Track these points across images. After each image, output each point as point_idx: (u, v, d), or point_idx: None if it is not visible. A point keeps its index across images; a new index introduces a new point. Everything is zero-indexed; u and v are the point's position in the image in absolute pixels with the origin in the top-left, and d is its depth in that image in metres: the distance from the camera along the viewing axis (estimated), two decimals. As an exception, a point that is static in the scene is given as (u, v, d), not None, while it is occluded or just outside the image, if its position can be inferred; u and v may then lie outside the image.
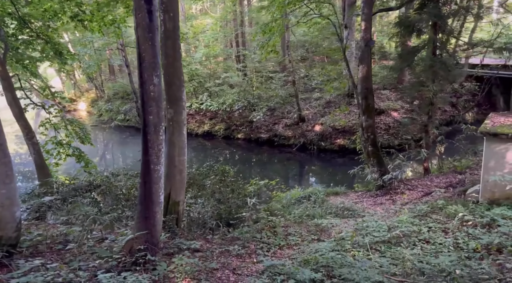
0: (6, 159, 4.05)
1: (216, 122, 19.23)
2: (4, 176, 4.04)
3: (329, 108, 16.37)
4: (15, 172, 7.94)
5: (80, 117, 31.07)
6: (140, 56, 4.42)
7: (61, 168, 11.74)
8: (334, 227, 7.18)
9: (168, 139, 6.36)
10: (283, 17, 9.97)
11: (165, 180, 6.47)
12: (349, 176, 13.42)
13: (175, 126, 6.35)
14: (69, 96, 35.30)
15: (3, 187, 4.03)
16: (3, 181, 4.03)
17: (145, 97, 4.52)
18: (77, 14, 10.70)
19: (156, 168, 4.65)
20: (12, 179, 4.14)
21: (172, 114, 6.29)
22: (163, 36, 5.89)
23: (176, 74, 6.10)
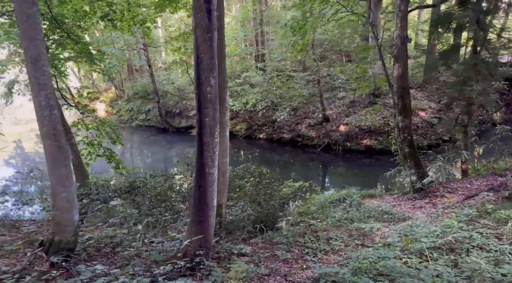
0: (66, 161, 3.98)
1: (237, 122, 19.13)
2: (65, 178, 3.97)
3: (353, 107, 16.11)
4: (40, 171, 7.97)
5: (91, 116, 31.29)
6: (198, 57, 4.30)
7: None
8: (377, 232, 6.98)
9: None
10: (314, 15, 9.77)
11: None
12: (377, 177, 13.21)
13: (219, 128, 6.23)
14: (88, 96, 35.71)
15: (63, 190, 3.96)
16: (63, 184, 3.96)
17: (202, 98, 4.40)
18: (108, 14, 10.71)
19: (211, 171, 4.54)
20: (72, 182, 4.08)
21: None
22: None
23: (221, 75, 5.98)
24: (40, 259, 3.88)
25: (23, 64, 20.95)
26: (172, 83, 23.67)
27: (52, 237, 4.00)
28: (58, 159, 3.91)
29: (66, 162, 3.99)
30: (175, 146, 20.51)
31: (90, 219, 6.88)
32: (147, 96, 23.60)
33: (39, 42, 3.66)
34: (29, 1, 3.52)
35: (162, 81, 23.30)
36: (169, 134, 21.18)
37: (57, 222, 3.99)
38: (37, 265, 3.76)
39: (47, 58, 3.79)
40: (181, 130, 20.97)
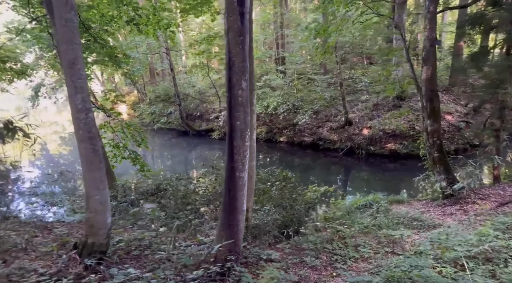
0: (100, 164, 4.01)
1: (258, 125, 19.09)
2: (99, 181, 4.00)
3: (377, 110, 15.82)
4: (69, 173, 8.11)
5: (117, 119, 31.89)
6: (230, 60, 4.28)
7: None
8: (407, 239, 6.77)
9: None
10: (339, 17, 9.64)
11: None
12: (402, 182, 12.89)
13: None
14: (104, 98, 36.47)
15: (97, 192, 3.99)
16: (97, 186, 3.99)
17: (233, 102, 4.37)
18: (133, 18, 10.88)
19: (241, 175, 4.50)
20: (105, 185, 4.11)
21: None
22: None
23: (250, 78, 5.95)
24: (74, 262, 3.91)
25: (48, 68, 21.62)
26: (193, 86, 23.88)
27: (85, 239, 4.03)
28: (93, 162, 3.95)
29: (100, 165, 4.02)
30: (195, 148, 20.65)
31: (117, 221, 6.96)
32: (168, 99, 23.88)
33: (77, 46, 3.70)
34: (68, 6, 3.57)
35: (183, 84, 23.55)
36: (189, 136, 21.35)
37: (91, 225, 4.02)
38: (71, 267, 3.79)
39: (83, 62, 3.83)
40: (201, 133, 21.11)
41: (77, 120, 3.87)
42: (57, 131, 31.06)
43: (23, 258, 3.86)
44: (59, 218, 6.26)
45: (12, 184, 13.30)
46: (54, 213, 6.58)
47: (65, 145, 24.97)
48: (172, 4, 10.87)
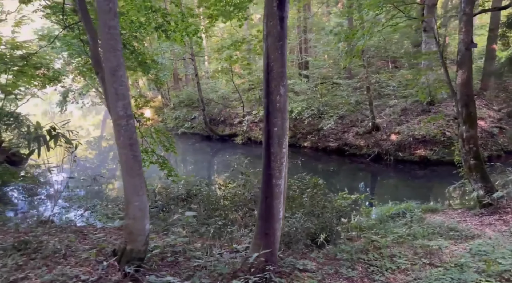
0: (140, 170, 4.01)
1: (281, 130, 18.96)
2: (139, 187, 4.00)
3: (405, 115, 15.41)
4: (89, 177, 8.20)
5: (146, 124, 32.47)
6: (269, 66, 4.22)
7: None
8: (445, 250, 6.48)
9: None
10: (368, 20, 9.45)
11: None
12: (433, 190, 12.47)
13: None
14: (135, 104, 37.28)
15: (136, 198, 3.98)
16: (137, 192, 3.99)
17: (271, 107, 4.30)
18: (162, 25, 11.02)
19: (278, 182, 4.41)
20: (144, 191, 4.10)
21: (276, 124, 6.04)
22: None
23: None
24: (113, 269, 3.90)
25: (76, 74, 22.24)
26: (216, 91, 24.03)
27: (124, 246, 4.02)
28: (133, 168, 3.95)
29: (140, 171, 4.02)
30: (218, 153, 20.71)
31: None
32: (192, 104, 24.10)
33: (119, 52, 3.72)
34: (111, 13, 3.59)
35: (206, 90, 23.74)
36: (212, 141, 21.45)
37: (129, 231, 4.01)
38: (111, 274, 3.78)
39: (125, 69, 3.85)
40: (224, 137, 21.18)
41: (118, 126, 3.88)
42: (81, 135, 31.86)
43: (64, 264, 3.88)
44: (92, 223, 6.32)
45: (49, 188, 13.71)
46: (87, 218, 6.66)
47: (91, 149, 25.56)
48: (200, 10, 10.95)
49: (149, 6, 10.52)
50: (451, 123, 14.04)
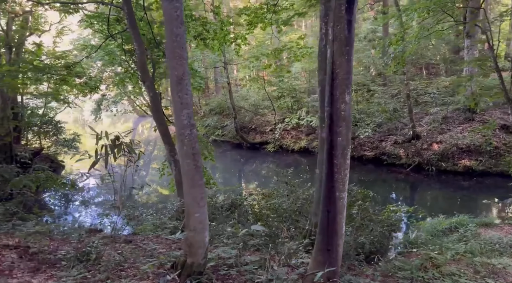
0: (201, 181, 3.89)
1: (314, 138, 18.64)
2: (200, 198, 3.87)
3: (446, 124, 14.76)
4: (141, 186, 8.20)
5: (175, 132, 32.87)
6: (333, 72, 4.02)
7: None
8: (509, 269, 6.01)
9: (322, 161, 5.90)
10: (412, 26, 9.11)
11: (316, 205, 6.01)
12: (479, 202, 11.79)
13: (331, 147, 5.87)
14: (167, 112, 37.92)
15: (197, 210, 3.86)
16: (197, 203, 3.87)
17: (334, 116, 4.08)
18: (201, 33, 11.08)
19: (341, 195, 4.17)
20: (205, 202, 3.98)
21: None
22: (323, 49, 5.53)
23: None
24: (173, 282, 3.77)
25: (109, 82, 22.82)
26: (246, 99, 24.03)
27: (184, 259, 3.90)
28: (195, 179, 3.83)
29: (201, 182, 3.90)
30: (249, 161, 20.59)
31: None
32: (222, 112, 24.20)
33: (184, 61, 3.63)
34: (178, 20, 3.52)
35: (236, 97, 23.79)
36: (243, 149, 21.37)
37: (190, 244, 3.88)
38: (172, 288, 3.66)
39: (189, 77, 3.76)
40: (255, 145, 21.06)
41: (181, 136, 3.78)
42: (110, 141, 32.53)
43: (124, 277, 3.79)
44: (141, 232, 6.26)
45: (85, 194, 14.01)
46: (133, 226, 6.63)
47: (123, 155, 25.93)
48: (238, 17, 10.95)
49: (190, 15, 10.60)
50: (498, 132, 13.32)
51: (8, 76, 10.29)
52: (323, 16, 5.44)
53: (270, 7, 9.14)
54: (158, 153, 27.79)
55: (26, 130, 17.04)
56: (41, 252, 3.81)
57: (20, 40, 15.12)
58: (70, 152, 18.29)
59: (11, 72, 10.46)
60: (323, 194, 4.29)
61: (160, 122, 7.46)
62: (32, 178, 10.15)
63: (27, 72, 11.53)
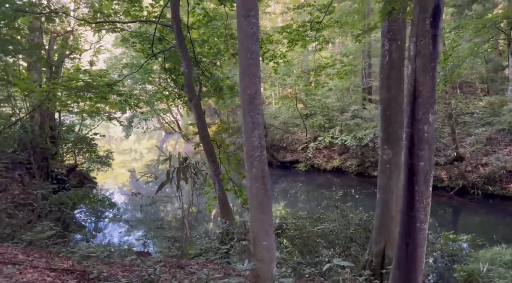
0: (270, 206, 3.61)
1: (347, 157, 18.13)
2: (267, 225, 3.58)
3: (491, 145, 13.99)
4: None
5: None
6: (416, 90, 3.69)
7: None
8: None
9: (384, 185, 5.53)
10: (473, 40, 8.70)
11: (378, 233, 5.60)
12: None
13: (393, 170, 5.50)
14: (192, 129, 38.34)
15: (265, 238, 3.56)
16: (265, 231, 3.57)
17: (416, 138, 3.73)
18: (239, 51, 11.02)
19: (422, 226, 3.77)
20: (273, 230, 3.68)
21: (390, 155, 5.46)
22: (386, 67, 5.25)
23: (399, 110, 5.33)
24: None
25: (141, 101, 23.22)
26: (276, 117, 23.84)
27: (250, 292, 3.59)
28: (263, 204, 3.56)
29: (269, 207, 3.62)
30: (280, 180, 20.19)
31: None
32: (251, 130, 24.02)
33: (258, 79, 3.43)
34: (254, 37, 3.33)
35: (265, 115, 23.65)
36: (273, 167, 21.01)
37: (257, 275, 3.57)
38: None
39: (261, 97, 3.54)
40: (286, 164, 20.68)
41: (251, 157, 3.54)
42: (135, 158, 33.03)
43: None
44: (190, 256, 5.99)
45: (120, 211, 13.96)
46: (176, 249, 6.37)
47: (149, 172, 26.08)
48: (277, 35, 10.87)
49: (230, 33, 10.61)
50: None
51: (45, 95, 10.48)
52: (386, 32, 5.18)
53: (314, 25, 8.97)
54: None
55: (62, 146, 17.38)
56: (100, 279, 3.59)
57: (60, 59, 15.61)
58: (102, 169, 18.53)
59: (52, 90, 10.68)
60: (400, 224, 3.91)
61: (205, 141, 7.30)
62: (70, 195, 10.19)
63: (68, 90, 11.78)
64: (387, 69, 5.22)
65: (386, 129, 5.36)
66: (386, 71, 5.21)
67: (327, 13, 8.37)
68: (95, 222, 14.35)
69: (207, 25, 10.45)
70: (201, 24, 10.36)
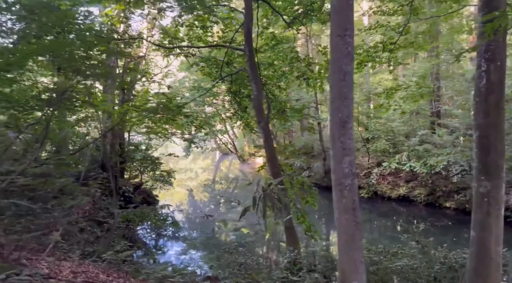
0: (361, 242, 3.27)
1: (415, 185, 16.87)
2: (358, 262, 3.24)
3: None
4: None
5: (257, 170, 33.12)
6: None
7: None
8: None
9: (480, 221, 4.87)
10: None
11: (473, 275, 4.91)
12: None
13: (492, 204, 4.83)
14: (248, 150, 38.75)
15: (355, 276, 3.23)
16: (356, 269, 3.23)
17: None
18: (304, 73, 10.92)
19: None
20: (364, 267, 3.31)
21: (488, 188, 4.80)
22: (483, 90, 4.73)
23: (499, 137, 4.74)
24: None
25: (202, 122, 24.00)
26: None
27: None
28: (353, 239, 3.23)
29: (360, 243, 3.28)
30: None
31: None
32: (310, 153, 23.60)
33: (350, 102, 3.19)
34: (349, 57, 3.12)
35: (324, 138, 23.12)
36: (330, 192, 20.25)
37: (345, 318, 3.22)
38: None
39: (352, 121, 3.29)
40: (346, 190, 19.80)
41: (340, 186, 3.27)
42: (191, 177, 33.85)
43: None
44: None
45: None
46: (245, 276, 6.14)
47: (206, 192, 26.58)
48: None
49: (295, 56, 10.57)
50: None
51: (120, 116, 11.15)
52: (483, 52, 4.70)
53: (386, 46, 8.59)
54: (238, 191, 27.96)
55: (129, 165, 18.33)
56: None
57: (133, 82, 16.71)
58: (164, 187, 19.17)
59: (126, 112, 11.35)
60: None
61: (272, 164, 7.15)
62: (137, 213, 10.52)
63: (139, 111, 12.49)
64: (484, 92, 4.68)
65: (483, 159, 4.75)
66: (483, 95, 4.68)
67: (403, 33, 7.96)
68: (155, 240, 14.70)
69: (274, 48, 10.53)
70: (268, 48, 10.46)
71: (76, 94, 7.13)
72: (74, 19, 6.37)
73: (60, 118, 10.71)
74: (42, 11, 6.52)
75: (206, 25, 9.56)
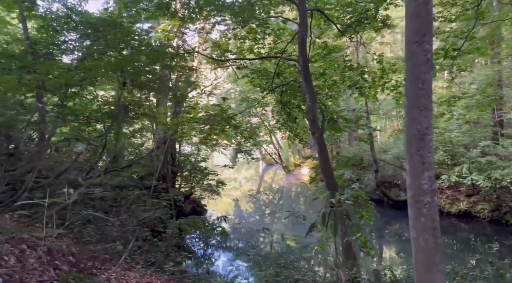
0: (441, 265, 2.99)
1: (477, 200, 15.63)
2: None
3: None
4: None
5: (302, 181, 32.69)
6: None
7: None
8: None
9: None
10: None
11: None
12: None
13: None
14: (293, 161, 38.47)
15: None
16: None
17: None
18: (357, 82, 10.61)
19: None
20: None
21: None
22: None
23: None
24: None
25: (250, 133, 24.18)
26: (385, 151, 22.27)
27: None
28: (434, 261, 2.96)
29: (441, 266, 3.00)
30: (392, 221, 18.42)
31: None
32: (359, 164, 22.84)
33: (430, 112, 2.97)
34: (428, 65, 2.92)
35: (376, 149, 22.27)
36: (384, 206, 19.33)
37: None
38: None
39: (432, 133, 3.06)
40: (399, 203, 18.81)
41: (418, 204, 3.03)
42: (235, 187, 34.10)
43: None
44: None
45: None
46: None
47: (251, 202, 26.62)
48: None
49: (349, 65, 10.32)
50: None
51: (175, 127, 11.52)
52: None
53: (449, 52, 8.10)
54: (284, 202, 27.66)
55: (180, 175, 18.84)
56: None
57: (185, 94, 17.27)
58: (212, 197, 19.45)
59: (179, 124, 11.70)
60: None
61: (328, 175, 6.93)
62: (189, 223, 10.72)
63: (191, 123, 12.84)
64: None
65: None
66: None
67: (467, 39, 7.47)
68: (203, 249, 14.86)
69: (325, 58, 10.37)
70: (319, 57, 10.32)
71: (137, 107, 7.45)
72: (136, 35, 6.68)
73: (117, 130, 11.31)
74: (106, 28, 6.92)
75: (257, 37, 9.65)
